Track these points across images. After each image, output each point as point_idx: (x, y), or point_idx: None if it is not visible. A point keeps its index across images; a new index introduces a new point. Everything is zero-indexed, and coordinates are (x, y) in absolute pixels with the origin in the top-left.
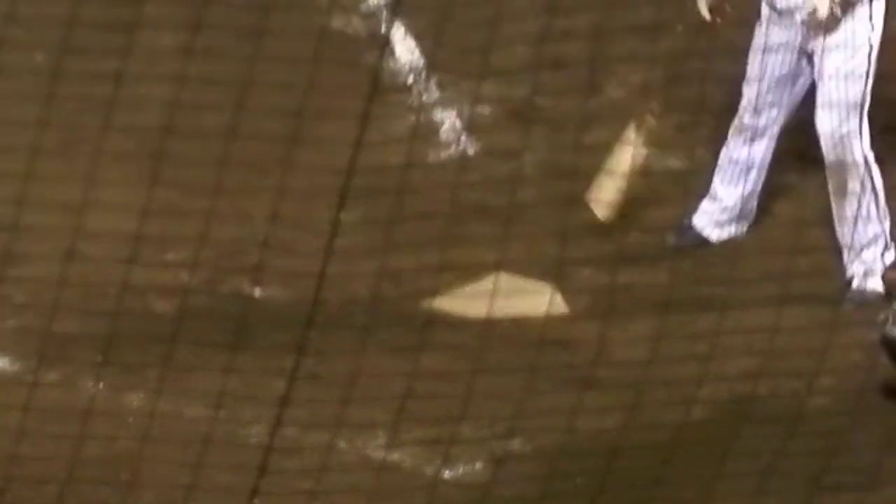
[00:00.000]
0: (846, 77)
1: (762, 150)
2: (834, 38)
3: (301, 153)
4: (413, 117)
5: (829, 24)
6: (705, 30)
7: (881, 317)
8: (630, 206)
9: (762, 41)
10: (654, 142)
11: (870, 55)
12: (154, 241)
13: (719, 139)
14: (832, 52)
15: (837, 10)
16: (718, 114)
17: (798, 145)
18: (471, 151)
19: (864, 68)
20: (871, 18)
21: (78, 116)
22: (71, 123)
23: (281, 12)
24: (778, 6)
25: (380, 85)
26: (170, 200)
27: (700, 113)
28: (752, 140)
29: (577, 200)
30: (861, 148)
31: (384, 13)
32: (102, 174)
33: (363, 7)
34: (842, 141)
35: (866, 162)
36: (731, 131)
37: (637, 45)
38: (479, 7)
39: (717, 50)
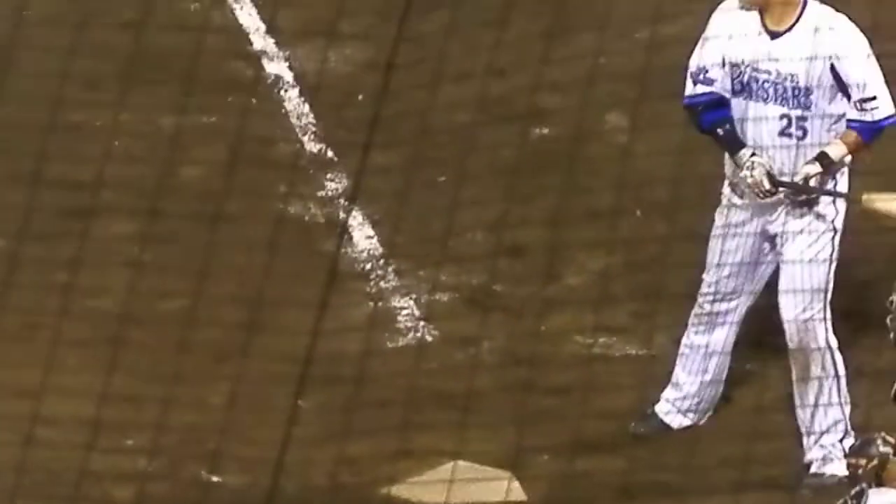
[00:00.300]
0: (810, 262)
1: (723, 337)
2: (797, 223)
3: (259, 340)
4: (371, 304)
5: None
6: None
7: (839, 502)
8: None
9: (723, 226)
10: None
11: (833, 240)
12: (113, 428)
13: (679, 326)
14: (796, 237)
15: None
16: (678, 300)
17: (759, 330)
18: (429, 338)
19: (828, 253)
20: (834, 203)
21: (36, 302)
22: (29, 309)
23: (238, 199)
24: (739, 188)
25: (338, 272)
26: (128, 387)
27: (659, 299)
28: (713, 327)
29: (535, 387)
30: (825, 333)
31: (342, 200)
32: (61, 360)
33: (321, 194)
34: (805, 326)
35: (829, 347)
36: (691, 318)
37: (595, 232)
38: (437, 194)
39: (676, 236)
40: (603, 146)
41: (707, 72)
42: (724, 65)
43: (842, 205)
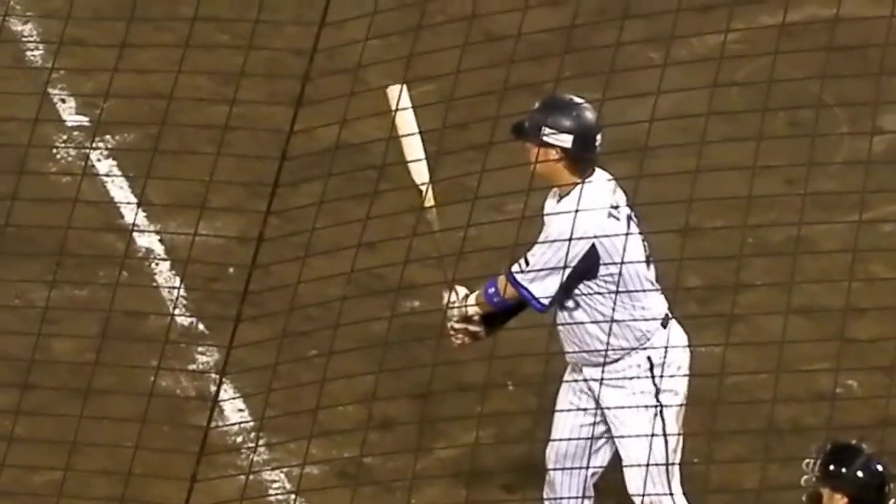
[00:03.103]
0: (637, 439)
1: None
2: (618, 400)
3: None
4: (242, 478)
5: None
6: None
7: None
8: None
9: (564, 400)
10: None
11: (661, 413)
12: None
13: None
14: (620, 414)
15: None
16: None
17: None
18: None
19: (659, 428)
20: (653, 381)
21: None
22: None
23: (109, 373)
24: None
25: (209, 446)
26: None
27: (529, 472)
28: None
29: None
30: None
31: (213, 374)
32: None
33: (192, 367)
34: (650, 501)
35: None
36: (545, 492)
37: (465, 405)
38: (308, 367)
39: (547, 410)
40: None
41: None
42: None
43: (666, 380)
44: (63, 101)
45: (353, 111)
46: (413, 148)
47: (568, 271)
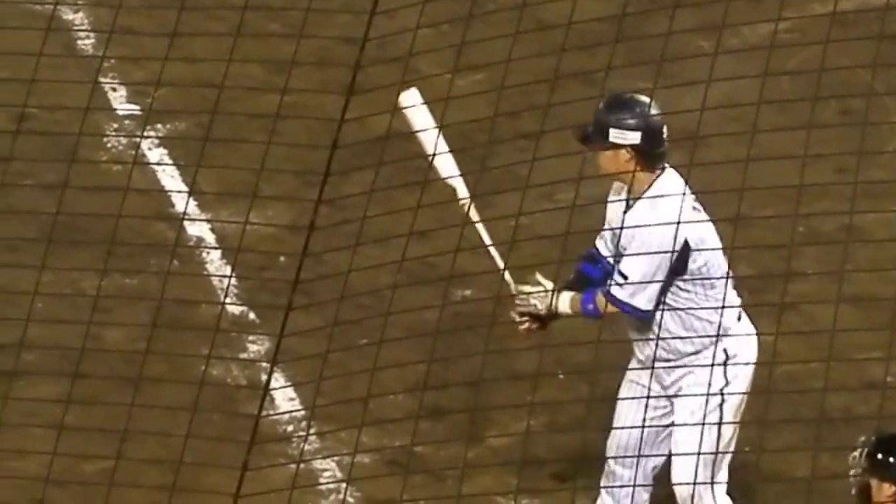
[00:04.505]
0: (693, 429)
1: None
2: (686, 387)
3: (181, 502)
4: (293, 467)
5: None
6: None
7: None
8: None
9: (629, 391)
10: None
11: (721, 406)
12: None
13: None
14: (683, 402)
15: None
16: (600, 463)
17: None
18: (351, 500)
19: (716, 418)
20: (725, 374)
21: None
22: None
23: (160, 362)
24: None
25: (259, 435)
26: None
27: (581, 461)
28: (622, 492)
29: None
30: (712, 501)
31: (264, 363)
32: None
33: (243, 356)
34: (689, 490)
35: None
36: (602, 482)
37: (517, 394)
38: (359, 356)
39: (598, 397)
40: None
41: (602, 236)
42: (609, 231)
43: (736, 372)
44: (114, 89)
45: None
46: (431, 145)
47: (665, 272)
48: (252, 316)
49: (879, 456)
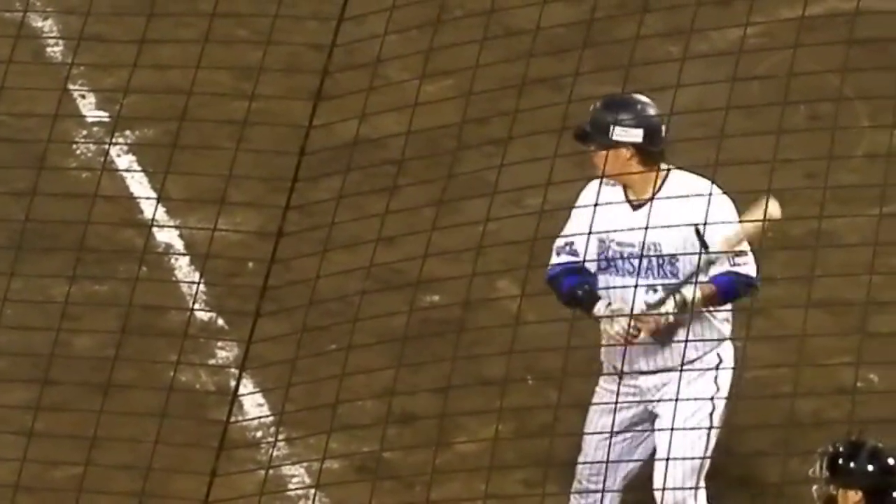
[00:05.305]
0: (684, 436)
1: None
2: (674, 401)
3: None
4: (262, 473)
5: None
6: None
7: None
8: None
9: (604, 398)
10: None
11: (711, 415)
12: None
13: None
14: (671, 412)
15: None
16: (569, 468)
17: (646, 497)
18: None
19: (705, 429)
20: (716, 380)
21: None
22: None
23: (129, 368)
24: (619, 367)
25: (228, 441)
26: None
27: (550, 468)
28: (594, 501)
29: None
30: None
31: (232, 369)
32: None
33: (211, 362)
34: (674, 498)
35: None
36: (572, 489)
37: (486, 400)
38: (327, 362)
39: (566, 403)
40: (493, 314)
41: (572, 244)
42: (589, 239)
43: (725, 382)
44: (83, 96)
45: (373, 106)
46: None
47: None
48: (221, 322)
49: (840, 462)
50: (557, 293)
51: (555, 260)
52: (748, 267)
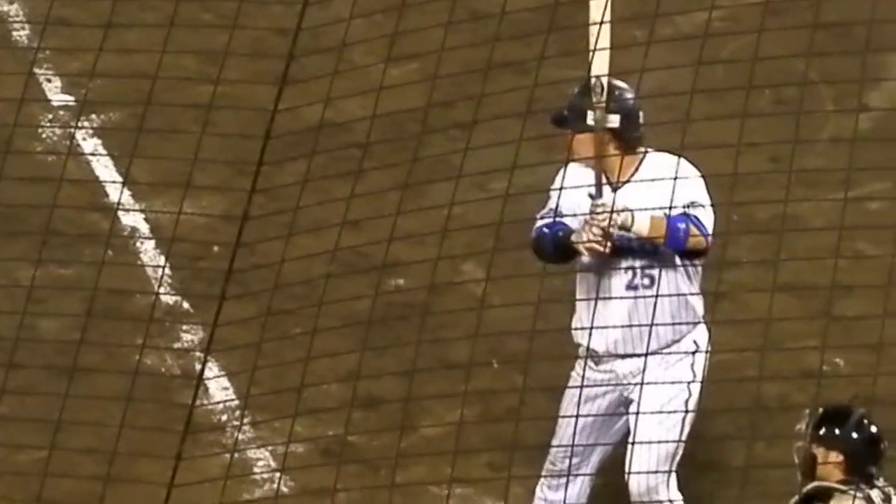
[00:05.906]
0: (660, 423)
1: (576, 491)
2: (652, 387)
3: (115, 493)
4: (227, 456)
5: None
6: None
7: None
8: None
9: (578, 383)
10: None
11: (687, 402)
12: None
13: (537, 477)
14: (648, 398)
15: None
16: (535, 452)
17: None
18: (285, 490)
19: (680, 416)
20: (692, 366)
21: None
22: None
23: (94, 351)
24: (599, 351)
25: (193, 424)
26: None
27: (515, 451)
28: (567, 483)
29: None
30: (667, 494)
31: (198, 352)
32: None
33: (177, 346)
34: (647, 484)
35: (671, 502)
36: (543, 472)
37: (451, 383)
38: (292, 346)
39: (532, 387)
40: (458, 297)
41: (556, 209)
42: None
43: (700, 370)
44: (49, 80)
45: (338, 90)
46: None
47: None
48: (186, 305)
49: (825, 427)
50: (544, 245)
51: (538, 224)
52: (705, 219)
